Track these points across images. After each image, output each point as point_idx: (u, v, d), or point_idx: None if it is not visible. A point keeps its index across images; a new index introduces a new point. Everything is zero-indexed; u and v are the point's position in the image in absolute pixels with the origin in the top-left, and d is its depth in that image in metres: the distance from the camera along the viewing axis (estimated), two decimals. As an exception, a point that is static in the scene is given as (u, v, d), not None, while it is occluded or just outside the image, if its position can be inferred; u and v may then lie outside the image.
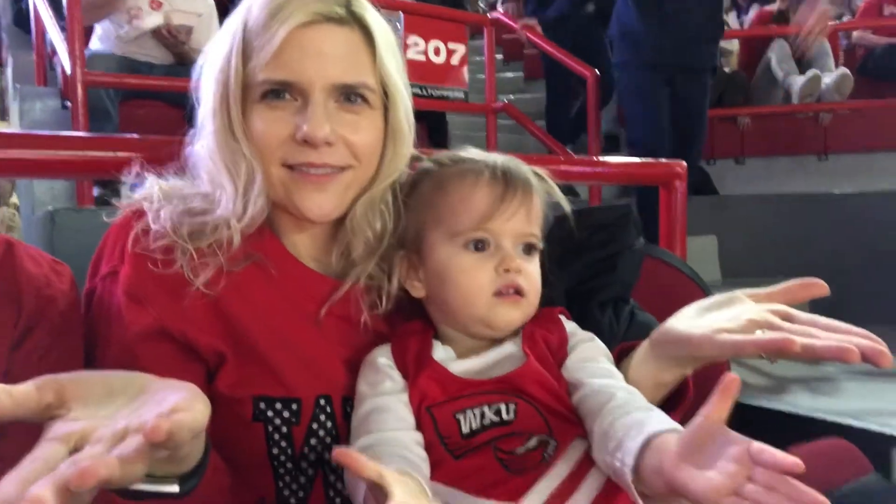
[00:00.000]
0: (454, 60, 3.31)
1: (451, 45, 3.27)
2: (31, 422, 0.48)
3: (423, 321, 0.80)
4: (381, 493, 0.51)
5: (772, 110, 4.13)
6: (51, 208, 1.06)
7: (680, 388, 0.76)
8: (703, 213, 3.00)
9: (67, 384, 0.50)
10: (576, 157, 3.28)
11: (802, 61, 4.07)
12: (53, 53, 3.12)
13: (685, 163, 1.65)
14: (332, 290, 0.79)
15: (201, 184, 0.77)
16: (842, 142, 4.01)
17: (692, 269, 1.25)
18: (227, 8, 0.77)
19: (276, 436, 0.75)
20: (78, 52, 2.41)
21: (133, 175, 0.80)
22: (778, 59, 4.04)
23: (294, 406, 0.75)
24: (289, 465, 0.76)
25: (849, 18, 4.60)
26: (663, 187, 1.63)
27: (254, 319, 0.75)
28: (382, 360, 0.75)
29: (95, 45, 2.88)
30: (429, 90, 3.23)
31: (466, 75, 3.39)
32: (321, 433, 0.76)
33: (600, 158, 1.63)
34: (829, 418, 1.04)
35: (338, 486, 0.78)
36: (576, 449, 0.68)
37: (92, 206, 2.24)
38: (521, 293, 0.75)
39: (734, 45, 4.22)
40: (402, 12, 3.05)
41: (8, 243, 0.70)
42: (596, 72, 3.33)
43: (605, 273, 0.94)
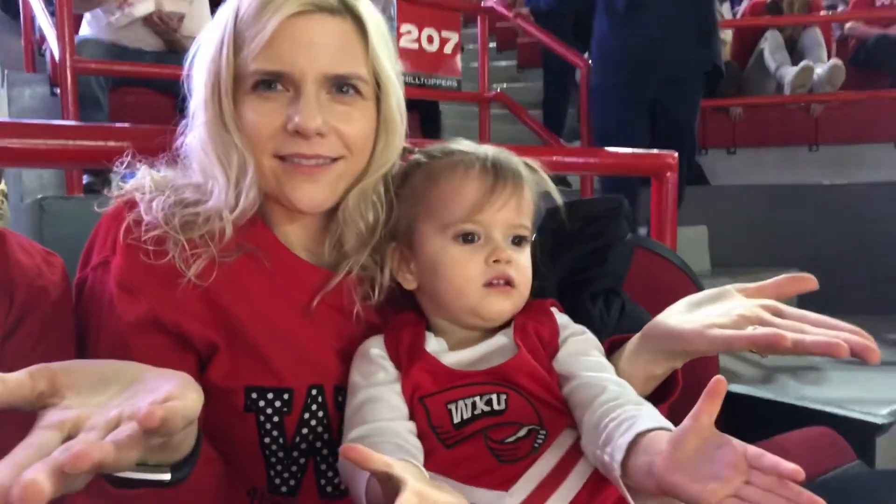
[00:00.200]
0: (447, 49, 3.30)
1: (445, 34, 3.25)
2: (25, 410, 0.49)
3: (415, 312, 0.81)
4: (389, 483, 0.52)
5: (763, 101, 4.14)
6: (39, 196, 1.05)
7: (669, 379, 0.77)
8: (694, 203, 3.00)
9: (60, 372, 0.50)
10: (568, 147, 3.28)
11: (795, 52, 4.08)
12: (42, 39, 3.09)
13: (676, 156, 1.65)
14: (325, 280, 0.79)
15: (193, 174, 0.77)
16: (833, 133, 4.02)
17: (682, 259, 1.26)
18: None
19: (268, 425, 0.75)
20: (67, 38, 2.38)
21: (124, 165, 0.80)
22: (770, 49, 4.04)
23: (286, 396, 0.75)
24: (280, 454, 0.76)
25: (843, 9, 4.60)
26: (655, 178, 1.64)
27: (246, 310, 0.75)
28: (375, 350, 0.76)
29: (85, 30, 2.85)
30: (422, 79, 3.22)
31: (460, 64, 3.38)
32: (313, 423, 0.76)
33: (593, 149, 1.63)
34: (814, 407, 1.06)
35: (329, 475, 0.78)
36: (565, 439, 0.69)
37: (81, 195, 2.22)
38: (511, 284, 0.75)
39: (727, 35, 4.22)
40: (395, 0, 3.03)
41: (0, 234, 0.70)
42: (589, 61, 3.32)
43: (596, 265, 0.94)
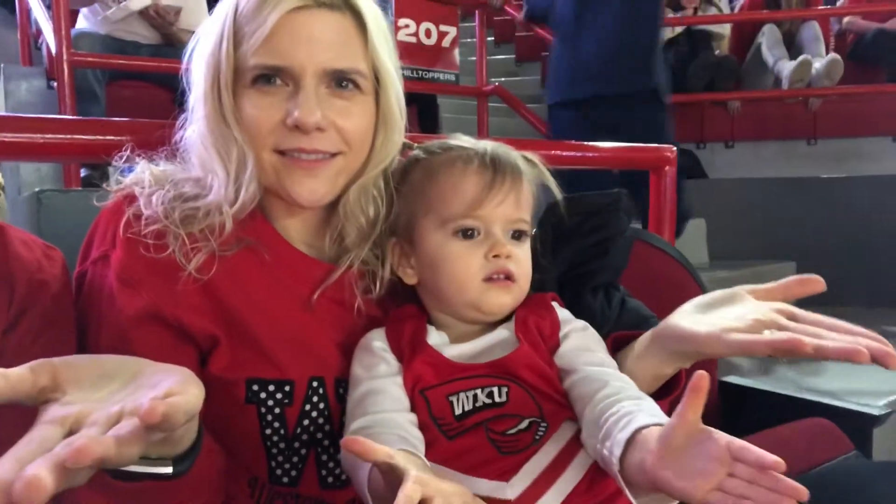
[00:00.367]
0: (445, 43, 3.29)
1: (443, 28, 3.25)
2: (26, 405, 0.49)
3: (416, 306, 0.81)
4: (392, 474, 0.52)
5: (762, 95, 4.14)
6: (37, 190, 1.05)
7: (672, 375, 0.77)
8: (692, 196, 3.01)
9: (62, 367, 0.50)
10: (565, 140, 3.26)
11: (793, 47, 4.08)
12: (38, 33, 3.08)
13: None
14: (325, 274, 0.79)
15: (192, 168, 0.77)
16: (831, 127, 4.03)
17: (680, 252, 1.27)
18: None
19: (269, 417, 0.75)
20: (64, 32, 2.37)
21: (123, 159, 0.79)
22: (768, 44, 4.04)
23: (287, 388, 0.75)
24: (282, 445, 0.77)
25: (841, 3, 4.59)
26: (653, 172, 1.64)
27: (246, 303, 0.75)
28: (377, 343, 0.76)
29: (81, 24, 2.84)
30: (420, 72, 3.21)
31: (458, 58, 3.38)
32: (314, 414, 0.77)
33: (591, 143, 1.63)
34: (811, 398, 1.07)
35: (330, 466, 0.79)
36: (565, 431, 0.70)
37: (79, 188, 2.22)
38: (511, 278, 0.75)
39: (726, 29, 4.21)
40: (393, -6, 3.03)
41: (0, 228, 0.70)
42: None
43: (596, 259, 0.94)
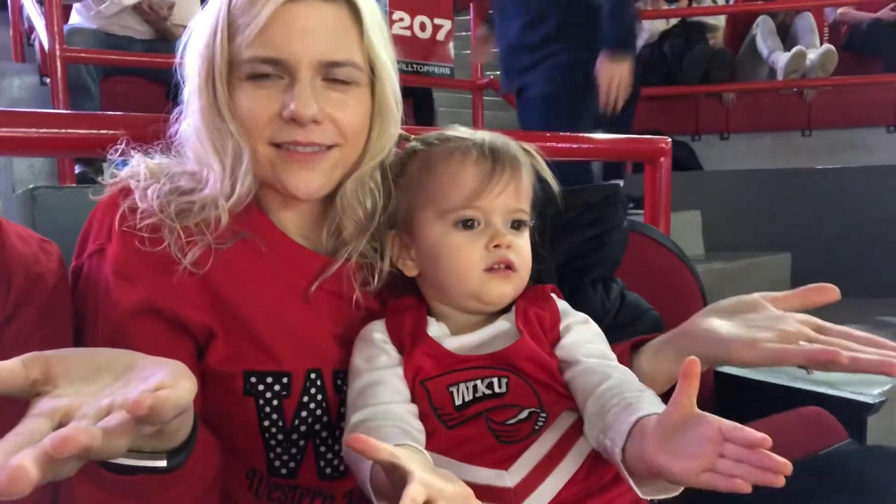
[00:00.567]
0: (440, 36, 3.28)
1: (437, 21, 3.24)
2: (17, 398, 0.48)
3: (416, 297, 0.81)
4: (396, 472, 0.52)
5: (756, 87, 4.14)
6: (31, 186, 1.04)
7: None
8: (687, 188, 3.02)
9: (54, 360, 0.50)
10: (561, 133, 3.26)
11: (787, 38, 4.08)
12: (31, 29, 3.06)
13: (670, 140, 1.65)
14: (323, 266, 0.79)
15: (188, 162, 0.77)
16: (825, 118, 4.04)
17: (675, 243, 1.27)
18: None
19: (268, 409, 0.75)
20: (56, 28, 2.36)
21: (118, 153, 0.79)
22: (763, 35, 4.04)
23: (285, 380, 0.76)
24: (280, 436, 0.77)
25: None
26: (648, 163, 1.65)
27: (243, 295, 0.75)
28: (377, 335, 0.76)
29: (74, 19, 2.82)
30: (414, 66, 3.20)
31: (452, 51, 3.37)
32: (312, 406, 0.77)
33: (587, 135, 1.64)
34: (805, 387, 1.07)
35: (328, 457, 0.79)
36: (564, 420, 0.70)
37: (73, 185, 2.21)
38: (511, 268, 0.76)
39: (720, 21, 4.22)
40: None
41: (-5, 222, 0.70)
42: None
43: (594, 251, 0.95)
